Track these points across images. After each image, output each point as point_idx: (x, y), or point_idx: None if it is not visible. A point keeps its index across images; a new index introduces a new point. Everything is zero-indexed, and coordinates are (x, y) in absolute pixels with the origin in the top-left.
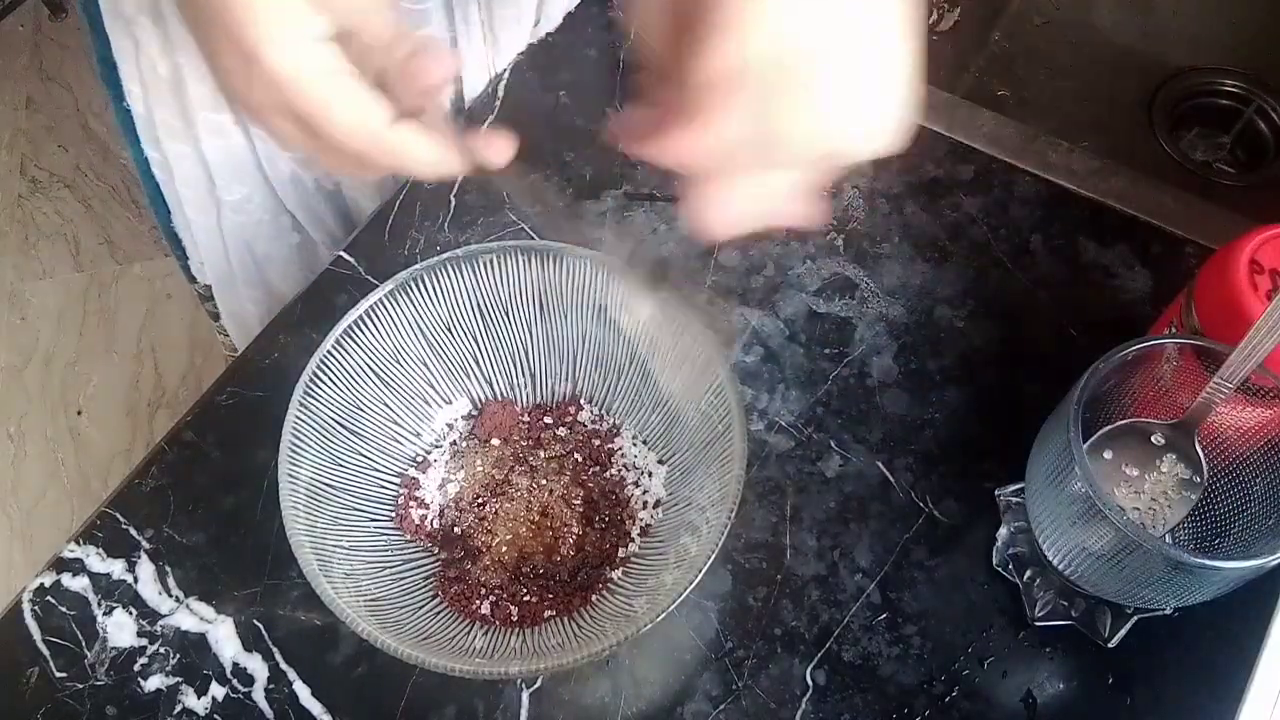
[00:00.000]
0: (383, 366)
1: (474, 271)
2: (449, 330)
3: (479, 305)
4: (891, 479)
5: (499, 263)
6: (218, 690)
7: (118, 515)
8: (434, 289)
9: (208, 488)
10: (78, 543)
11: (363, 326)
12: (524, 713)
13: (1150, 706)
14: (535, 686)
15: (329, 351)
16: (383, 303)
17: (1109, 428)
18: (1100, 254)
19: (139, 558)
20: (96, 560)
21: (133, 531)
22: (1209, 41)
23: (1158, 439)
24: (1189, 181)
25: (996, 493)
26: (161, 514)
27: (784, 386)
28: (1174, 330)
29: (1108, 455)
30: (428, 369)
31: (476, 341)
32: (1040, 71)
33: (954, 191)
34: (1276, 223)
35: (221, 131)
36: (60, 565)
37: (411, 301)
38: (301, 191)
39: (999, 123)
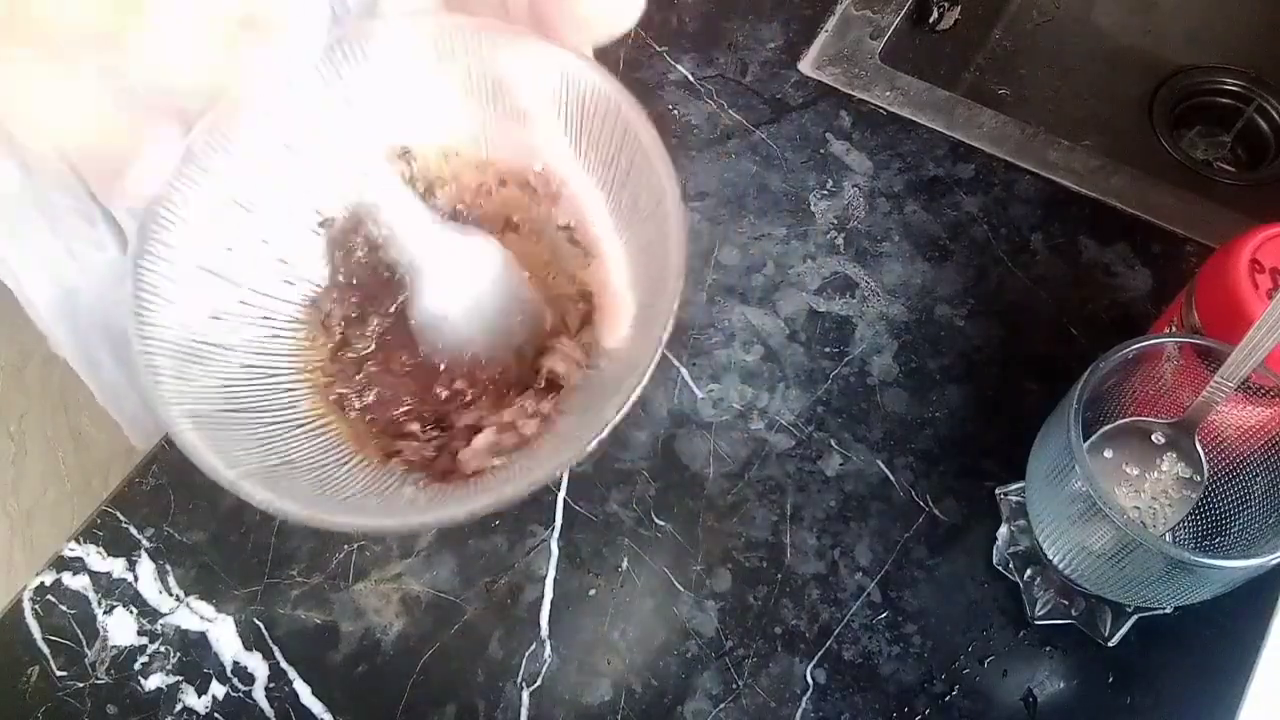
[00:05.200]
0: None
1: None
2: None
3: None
4: (892, 478)
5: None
6: (218, 689)
7: (118, 514)
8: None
9: (208, 487)
10: (78, 541)
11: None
12: (524, 712)
13: (1150, 706)
14: (536, 685)
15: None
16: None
17: (1109, 427)
18: (1100, 253)
19: (139, 556)
20: (97, 559)
21: (133, 530)
22: (1209, 40)
23: (1158, 438)
24: (1189, 180)
25: (997, 492)
26: (162, 513)
27: (784, 385)
28: (1174, 329)
29: (1108, 454)
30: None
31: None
32: (1040, 70)
33: (954, 190)
34: (1277, 222)
35: None
36: (60, 564)
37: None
38: None
39: (999, 121)
